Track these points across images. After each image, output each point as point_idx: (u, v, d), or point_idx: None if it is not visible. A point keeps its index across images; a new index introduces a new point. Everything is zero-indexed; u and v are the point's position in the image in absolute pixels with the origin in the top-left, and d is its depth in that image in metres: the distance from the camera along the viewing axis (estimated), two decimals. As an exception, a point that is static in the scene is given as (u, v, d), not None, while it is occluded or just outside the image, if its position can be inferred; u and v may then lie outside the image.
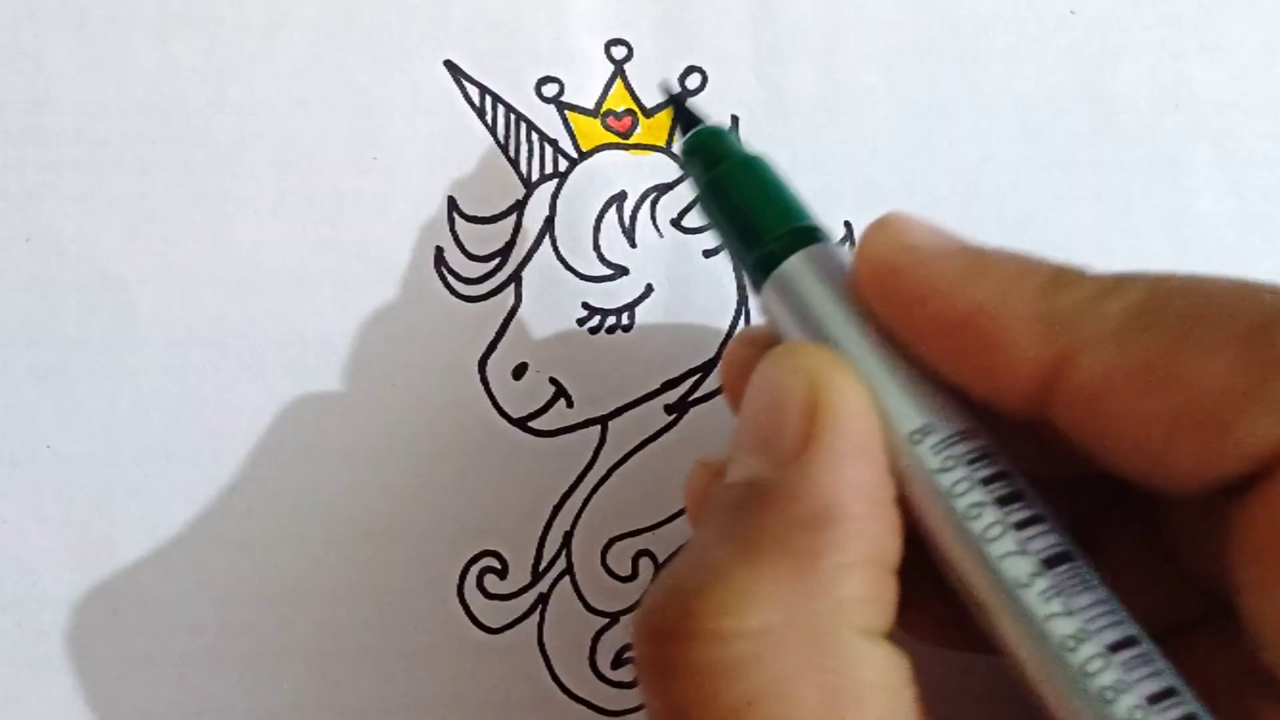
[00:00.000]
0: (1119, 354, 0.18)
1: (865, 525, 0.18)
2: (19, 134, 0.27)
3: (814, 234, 0.21)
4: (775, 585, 0.18)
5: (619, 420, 0.27)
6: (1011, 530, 0.18)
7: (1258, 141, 0.28)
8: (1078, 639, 0.17)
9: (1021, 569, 0.18)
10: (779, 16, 0.28)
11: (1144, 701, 0.17)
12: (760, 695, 0.17)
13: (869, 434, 0.19)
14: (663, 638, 0.18)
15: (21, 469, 0.26)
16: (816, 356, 0.19)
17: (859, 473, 0.18)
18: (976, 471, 0.19)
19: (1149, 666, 0.17)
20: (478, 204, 0.27)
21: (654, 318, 0.27)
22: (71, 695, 0.26)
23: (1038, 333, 0.18)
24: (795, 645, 0.17)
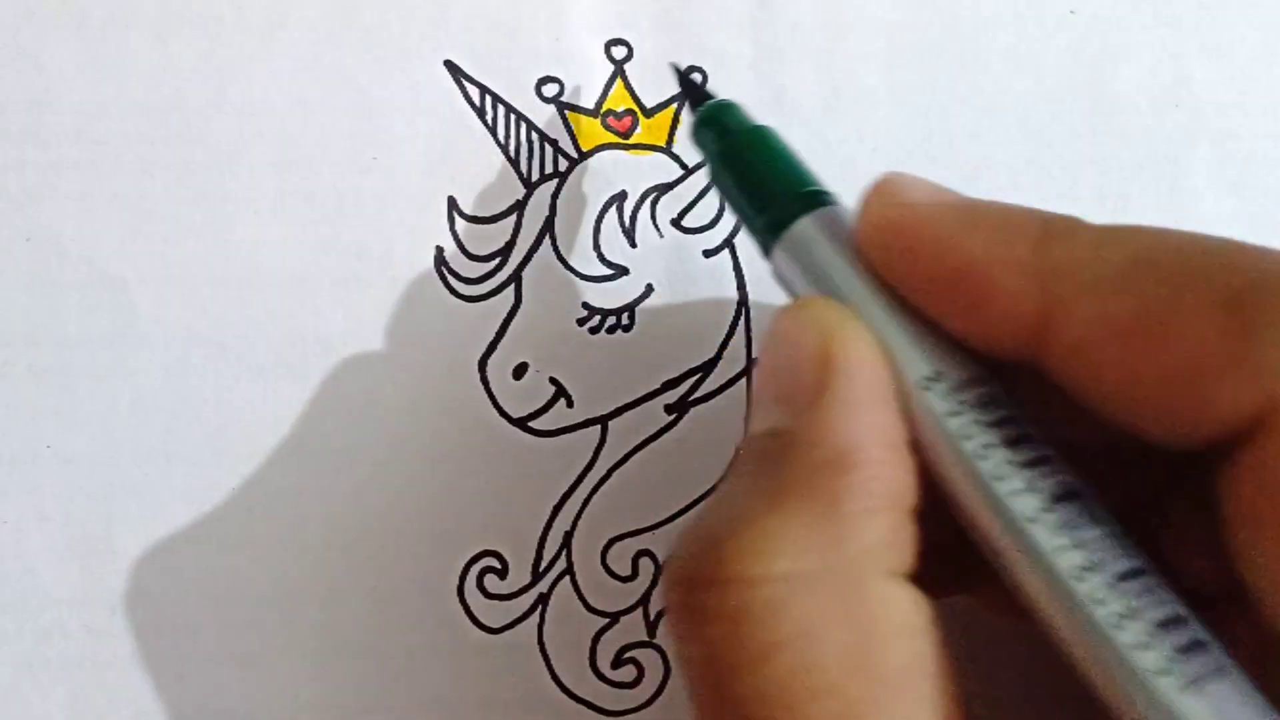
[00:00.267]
0: (1106, 308, 0.18)
1: (883, 468, 0.19)
2: (19, 134, 0.27)
3: (823, 197, 0.22)
4: (802, 530, 0.18)
5: (619, 420, 0.27)
6: (1020, 469, 0.18)
7: (1258, 141, 0.28)
8: (1086, 569, 0.18)
9: (1030, 505, 0.18)
10: (779, 16, 0.28)
11: (1152, 627, 0.17)
12: (789, 638, 0.17)
13: (880, 379, 0.19)
14: (693, 584, 0.18)
15: (21, 469, 0.26)
16: (825, 308, 0.20)
17: (873, 417, 0.19)
18: (984, 415, 0.19)
19: (1156, 595, 0.18)
20: (478, 204, 0.27)
21: (654, 318, 0.27)
22: (71, 695, 0.26)
23: (1028, 285, 0.19)
24: (823, 588, 0.18)
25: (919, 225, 0.20)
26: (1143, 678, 0.17)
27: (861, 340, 0.19)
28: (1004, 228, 0.19)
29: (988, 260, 0.19)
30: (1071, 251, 0.19)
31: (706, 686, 0.18)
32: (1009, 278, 0.19)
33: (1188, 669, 0.17)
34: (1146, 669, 0.17)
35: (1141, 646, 0.17)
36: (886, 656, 0.18)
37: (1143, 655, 0.17)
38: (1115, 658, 0.17)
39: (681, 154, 0.28)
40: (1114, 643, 0.17)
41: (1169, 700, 0.17)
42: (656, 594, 0.27)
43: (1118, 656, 0.17)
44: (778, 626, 0.17)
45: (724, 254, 0.27)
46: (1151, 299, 0.18)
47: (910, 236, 0.20)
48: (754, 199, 0.22)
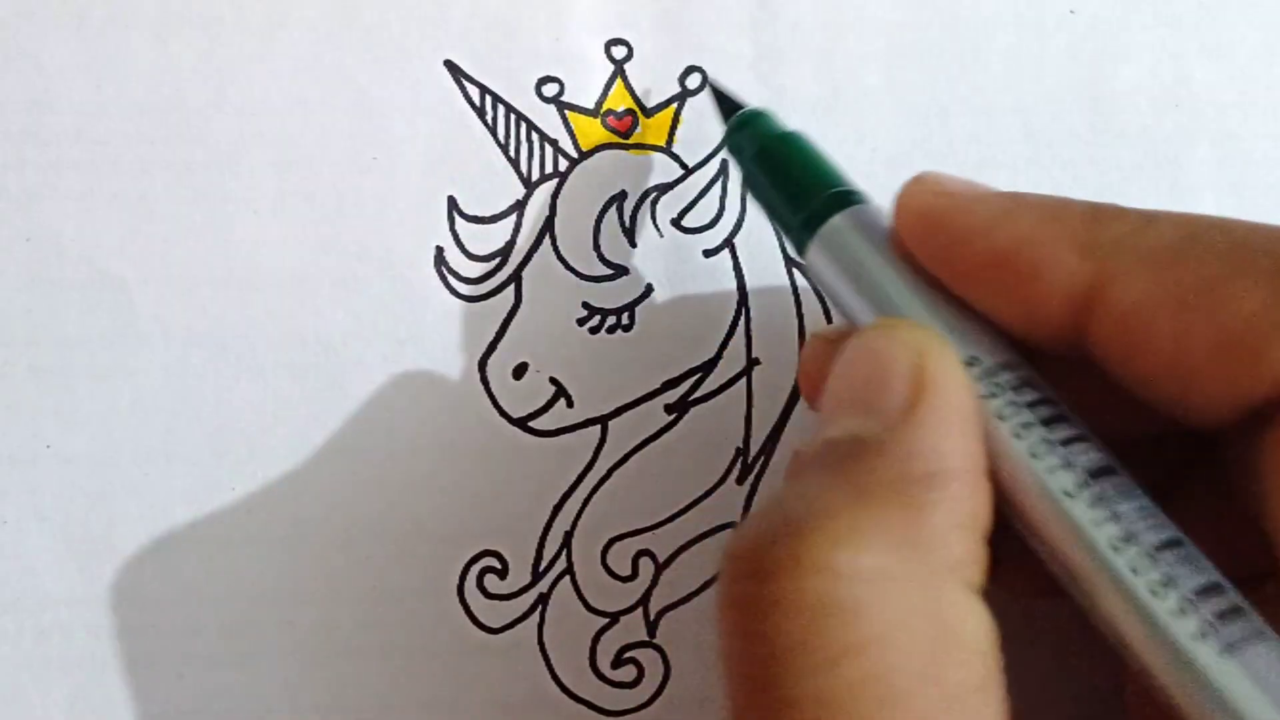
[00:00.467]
0: (1157, 280, 0.19)
1: (969, 490, 0.19)
2: (19, 134, 0.27)
3: (855, 196, 0.23)
4: (888, 531, 0.17)
5: (619, 420, 0.27)
6: (1057, 446, 0.19)
7: (1258, 141, 0.28)
8: (1125, 540, 0.18)
9: (1068, 481, 0.19)
10: (779, 16, 0.28)
11: (1192, 594, 0.18)
12: (868, 642, 0.17)
13: (968, 404, 0.19)
14: (766, 571, 0.17)
15: (21, 469, 0.26)
16: (920, 330, 0.20)
17: (962, 438, 0.19)
18: (1021, 396, 0.19)
19: (1194, 565, 0.18)
20: (478, 204, 0.27)
21: (654, 318, 0.27)
22: (71, 695, 0.26)
23: (1079, 259, 0.19)
24: (909, 592, 0.17)
25: (963, 211, 0.20)
26: (1182, 642, 0.17)
27: (953, 364, 0.19)
28: (1051, 209, 0.20)
29: (1039, 237, 0.20)
30: (1122, 228, 0.19)
31: (759, 686, 0.17)
32: (1060, 256, 0.19)
33: (1225, 634, 0.17)
34: (1186, 634, 0.17)
35: (1179, 613, 0.17)
36: (960, 672, 0.17)
37: (1181, 621, 0.17)
38: (1154, 624, 0.18)
39: (681, 154, 0.28)
40: (1152, 610, 0.18)
41: (1207, 663, 0.17)
42: (657, 594, 0.27)
43: (1156, 623, 0.18)
44: (858, 627, 0.17)
45: (724, 254, 0.27)
46: (1201, 271, 0.18)
47: (953, 224, 0.20)
48: (789, 199, 0.23)
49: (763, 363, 0.27)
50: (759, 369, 0.27)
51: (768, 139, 0.24)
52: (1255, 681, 0.17)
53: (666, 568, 0.27)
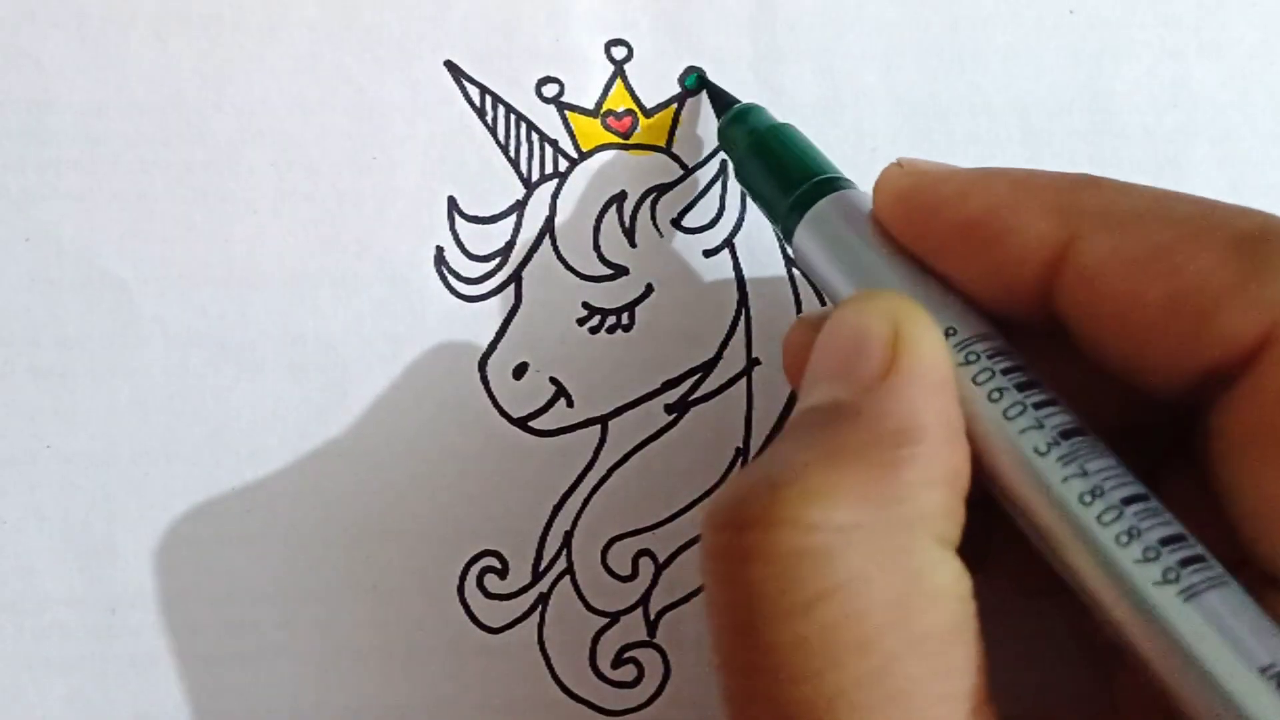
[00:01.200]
0: (1118, 242, 0.19)
1: (942, 448, 0.19)
2: (19, 134, 0.27)
3: (841, 183, 0.24)
4: (860, 487, 0.18)
5: (619, 420, 0.27)
6: (1030, 409, 0.20)
7: (1257, 141, 0.28)
8: (1094, 494, 0.19)
9: (1040, 439, 0.19)
10: (779, 16, 0.28)
11: (1156, 543, 0.18)
12: (838, 587, 0.18)
13: (945, 368, 0.20)
14: (743, 524, 0.18)
15: (21, 469, 0.26)
16: (896, 298, 0.21)
17: (937, 401, 0.19)
18: (996, 364, 0.20)
19: (1158, 518, 0.19)
20: (478, 204, 0.27)
21: (654, 318, 0.27)
22: (71, 695, 0.26)
23: (1049, 221, 0.20)
24: (876, 543, 0.18)
25: (936, 186, 0.21)
26: (1145, 589, 0.18)
27: (929, 330, 0.20)
28: (1022, 180, 0.21)
29: (1009, 203, 0.20)
30: (1090, 195, 0.20)
31: (740, 632, 0.18)
32: (1030, 219, 0.20)
33: (1186, 580, 0.18)
34: (1149, 580, 0.18)
35: (1144, 561, 0.18)
36: (928, 617, 0.18)
37: (1146, 568, 0.18)
38: (1119, 573, 0.18)
39: (681, 154, 0.28)
40: (1117, 559, 0.18)
41: (1168, 609, 0.18)
42: (656, 594, 0.27)
43: (1121, 571, 0.18)
44: (829, 574, 0.18)
45: (724, 254, 0.27)
46: (1164, 235, 0.19)
47: (929, 197, 0.21)
48: (779, 186, 0.24)
49: (763, 363, 0.27)
50: (759, 369, 0.27)
51: (760, 130, 0.26)
52: (1214, 625, 0.18)
53: (666, 568, 0.27)
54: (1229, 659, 0.17)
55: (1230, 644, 0.17)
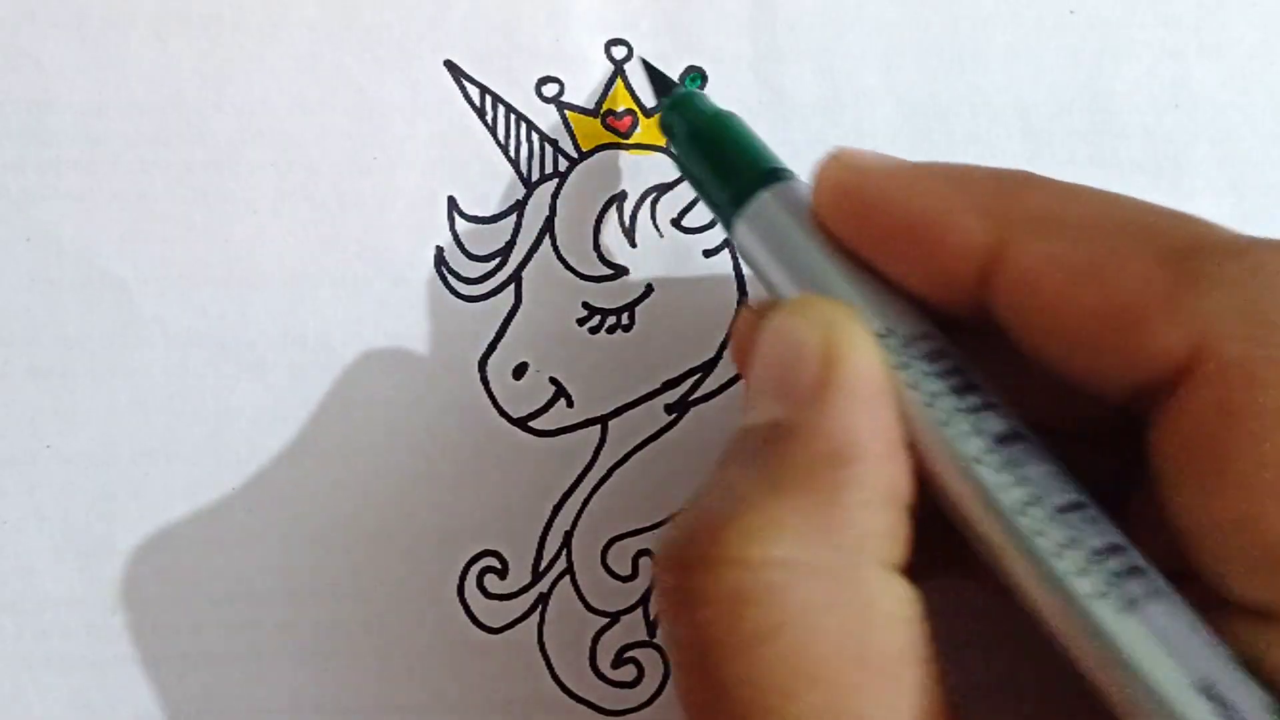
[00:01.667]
0: (1052, 247, 0.19)
1: (883, 463, 0.19)
2: (19, 134, 0.27)
3: (782, 173, 0.23)
4: (801, 518, 0.18)
5: (619, 420, 0.27)
6: (966, 414, 0.19)
7: (1257, 141, 0.28)
8: (1028, 503, 0.18)
9: (976, 446, 0.19)
10: (778, 16, 0.28)
11: (1090, 554, 0.18)
12: (784, 622, 0.18)
13: (880, 379, 0.20)
14: (688, 566, 0.18)
15: (21, 469, 0.26)
16: (830, 307, 0.20)
17: (874, 415, 0.19)
18: (934, 366, 0.20)
19: (1095, 526, 0.18)
20: (478, 204, 0.27)
21: (654, 318, 0.27)
22: (71, 695, 0.26)
23: (983, 226, 0.20)
24: (821, 575, 0.18)
25: (875, 182, 0.21)
26: (1082, 600, 0.18)
27: (864, 338, 0.20)
28: (959, 178, 0.21)
29: (944, 205, 0.20)
30: (1027, 198, 0.20)
31: (696, 671, 0.18)
32: (965, 220, 0.20)
33: (1124, 592, 0.18)
34: (1085, 593, 0.18)
35: (1080, 573, 0.18)
36: (879, 645, 0.18)
37: (1081, 581, 0.18)
38: (1056, 584, 0.18)
39: (681, 154, 0.28)
40: (1055, 570, 0.18)
41: (1105, 621, 0.18)
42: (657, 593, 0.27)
43: (1059, 583, 0.18)
44: (775, 610, 0.18)
45: (724, 254, 0.27)
46: (1100, 245, 0.19)
47: (867, 193, 0.21)
48: (719, 177, 0.24)
49: (763, 363, 0.27)
50: (759, 369, 0.27)
51: (700, 118, 0.25)
52: (1152, 637, 0.17)
53: (666, 568, 0.27)
54: (1164, 672, 0.17)
55: (1166, 657, 0.17)
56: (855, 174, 0.21)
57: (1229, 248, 0.19)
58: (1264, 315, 0.18)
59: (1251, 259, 0.18)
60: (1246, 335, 0.18)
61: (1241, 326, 0.18)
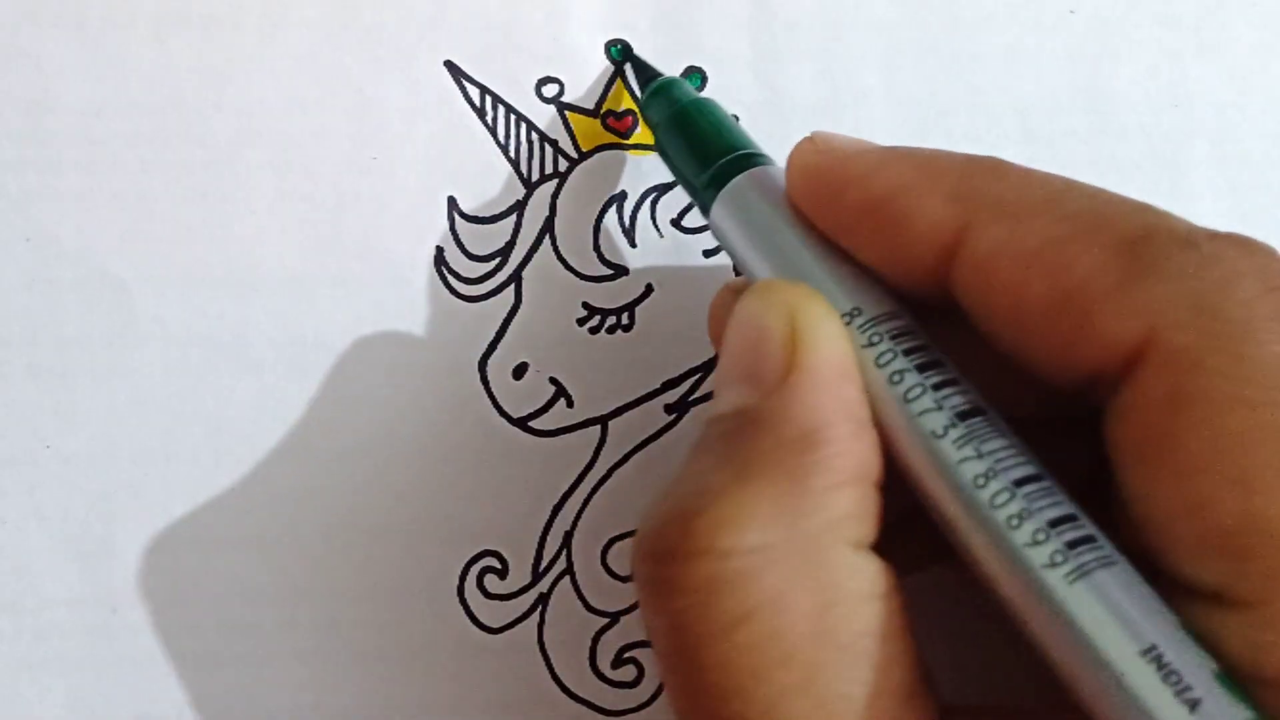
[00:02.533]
0: (1009, 233, 0.19)
1: (849, 445, 0.19)
2: (19, 134, 0.27)
3: (759, 159, 0.23)
4: (770, 504, 0.19)
5: (619, 420, 0.27)
6: (930, 390, 0.20)
7: (1256, 141, 0.28)
8: (987, 476, 0.19)
9: (938, 421, 0.19)
10: (777, 17, 0.28)
11: (1045, 525, 0.18)
12: (757, 607, 0.18)
13: (845, 359, 0.20)
14: (662, 557, 0.19)
15: (21, 469, 0.26)
16: (792, 291, 0.21)
17: (840, 395, 0.20)
18: (899, 344, 0.20)
19: (1051, 498, 0.19)
20: (478, 204, 0.27)
21: (654, 318, 0.27)
22: (70, 695, 0.26)
23: (947, 208, 0.20)
24: (789, 560, 0.18)
25: (844, 164, 0.21)
26: (1034, 571, 0.18)
27: (827, 320, 0.20)
28: (926, 162, 0.21)
29: (911, 185, 0.21)
30: (990, 183, 0.20)
31: (674, 657, 0.19)
32: (930, 202, 0.20)
33: (1076, 560, 0.18)
34: (1039, 563, 0.18)
35: (1034, 544, 0.18)
36: (847, 623, 0.18)
37: (1035, 551, 0.18)
38: (1011, 554, 0.18)
39: (681, 154, 0.28)
40: (1009, 541, 0.18)
41: (1056, 589, 0.18)
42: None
43: (1013, 553, 0.18)
44: (746, 597, 0.18)
45: (724, 254, 0.27)
46: (1056, 231, 0.19)
47: (836, 175, 0.21)
48: (697, 161, 0.24)
49: (762, 362, 0.27)
50: (759, 369, 0.27)
51: (680, 105, 0.25)
52: (1100, 604, 0.18)
53: (666, 567, 0.27)
54: (1112, 639, 0.18)
55: (1114, 624, 0.18)
56: (826, 156, 0.22)
57: (1180, 238, 0.19)
58: (1212, 305, 0.18)
59: (1202, 250, 0.19)
60: (1195, 325, 0.18)
61: (1190, 316, 0.18)
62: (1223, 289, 0.18)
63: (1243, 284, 0.18)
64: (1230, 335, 0.18)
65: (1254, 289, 0.18)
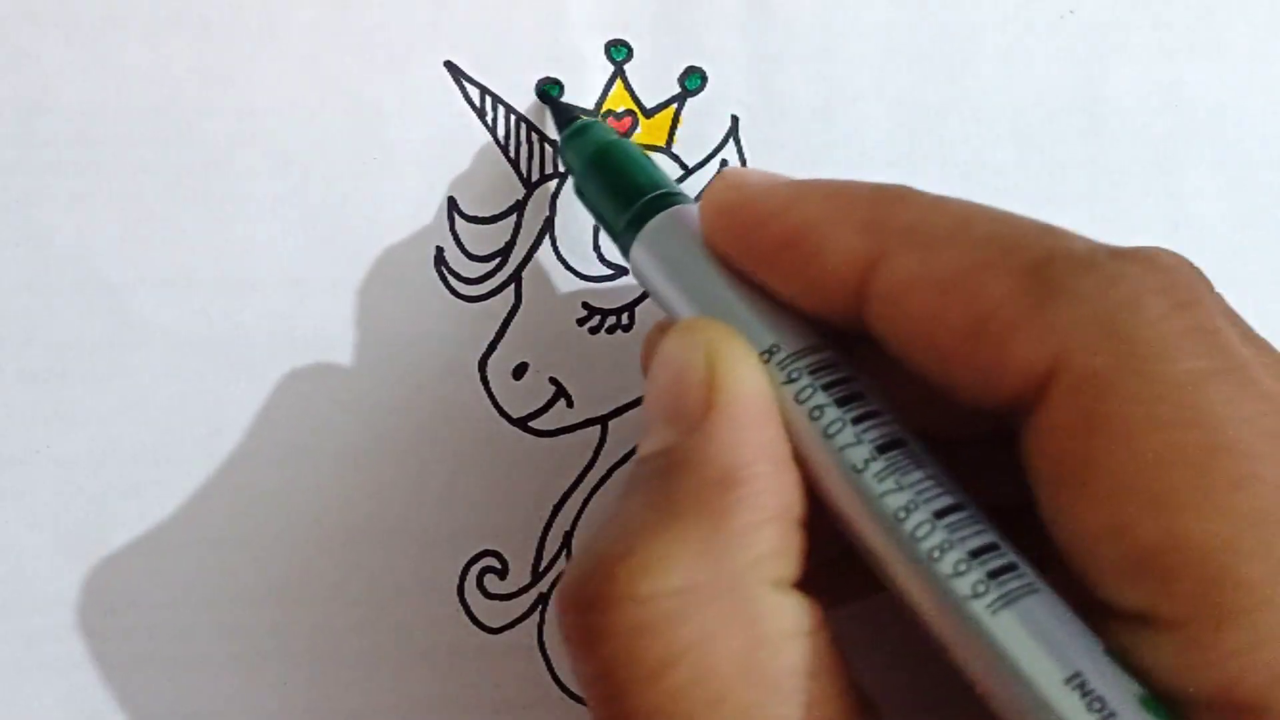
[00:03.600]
0: (920, 262, 0.19)
1: (769, 483, 0.19)
2: (15, 136, 0.27)
3: (675, 198, 0.23)
4: (691, 546, 0.19)
5: (619, 420, 0.27)
6: (849, 424, 0.20)
7: (1255, 142, 0.28)
8: (908, 509, 0.19)
9: (859, 455, 0.20)
10: (775, 18, 0.28)
11: (966, 556, 0.18)
12: (682, 651, 0.18)
13: (763, 396, 0.20)
14: (585, 606, 0.19)
15: (17, 470, 0.26)
16: (709, 329, 0.21)
17: (758, 434, 0.20)
18: (818, 379, 0.20)
19: (973, 527, 0.19)
20: (478, 204, 0.27)
21: (654, 318, 0.27)
22: (68, 696, 0.26)
23: (857, 240, 0.20)
24: (713, 602, 0.18)
25: (756, 201, 0.21)
26: (958, 601, 0.18)
27: (745, 359, 0.20)
28: (836, 194, 0.21)
29: (821, 221, 0.21)
30: (899, 214, 0.20)
31: (604, 704, 0.19)
32: (841, 234, 0.20)
33: (999, 590, 0.18)
34: (962, 594, 0.18)
35: (956, 574, 0.18)
36: (775, 661, 0.18)
37: (958, 581, 0.18)
38: (934, 586, 0.19)
39: (681, 154, 0.28)
40: (932, 573, 0.19)
41: (981, 619, 0.18)
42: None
43: (936, 584, 0.19)
44: (672, 641, 0.18)
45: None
46: (963, 258, 0.19)
47: (749, 211, 0.21)
48: (616, 203, 0.24)
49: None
50: (758, 369, 0.27)
51: (597, 147, 0.25)
52: (1024, 631, 0.18)
53: (666, 567, 0.27)
54: (1037, 666, 0.18)
55: (1038, 651, 0.18)
56: (739, 193, 0.22)
57: (1084, 260, 0.19)
58: (1117, 326, 0.18)
59: (1106, 270, 0.19)
60: (1103, 347, 0.18)
61: (1097, 338, 0.18)
62: (1129, 308, 0.18)
63: (1149, 302, 0.18)
64: (1139, 355, 0.18)
65: (1161, 306, 0.18)
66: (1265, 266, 0.28)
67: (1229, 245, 0.28)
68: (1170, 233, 0.28)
